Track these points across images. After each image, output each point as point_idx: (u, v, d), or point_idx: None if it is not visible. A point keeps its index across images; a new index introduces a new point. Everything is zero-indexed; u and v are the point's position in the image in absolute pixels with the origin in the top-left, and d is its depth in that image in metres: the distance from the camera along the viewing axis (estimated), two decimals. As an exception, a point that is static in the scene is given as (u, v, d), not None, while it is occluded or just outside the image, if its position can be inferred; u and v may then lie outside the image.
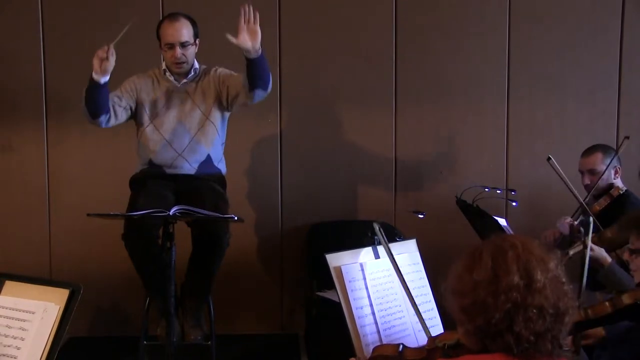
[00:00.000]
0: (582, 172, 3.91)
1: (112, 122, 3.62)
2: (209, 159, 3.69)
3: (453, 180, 4.40)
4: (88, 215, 3.17)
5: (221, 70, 3.71)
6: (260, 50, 3.35)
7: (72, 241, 4.47)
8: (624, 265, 3.06)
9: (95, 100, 3.49)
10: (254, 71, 3.42)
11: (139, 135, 3.73)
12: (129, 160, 4.43)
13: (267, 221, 4.55)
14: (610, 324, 2.37)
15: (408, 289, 2.56)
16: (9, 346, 1.97)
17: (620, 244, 3.04)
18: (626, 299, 2.31)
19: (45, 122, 4.46)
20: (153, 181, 3.62)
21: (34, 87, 4.45)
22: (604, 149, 3.88)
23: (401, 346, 2.25)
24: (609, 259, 3.04)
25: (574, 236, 3.79)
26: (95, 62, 3.37)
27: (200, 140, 3.66)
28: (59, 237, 4.52)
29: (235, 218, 3.20)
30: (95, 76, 3.40)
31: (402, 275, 2.59)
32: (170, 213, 3.07)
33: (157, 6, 4.44)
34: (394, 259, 2.59)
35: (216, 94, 3.67)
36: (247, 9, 3.31)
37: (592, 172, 3.84)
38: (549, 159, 3.79)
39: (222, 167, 3.77)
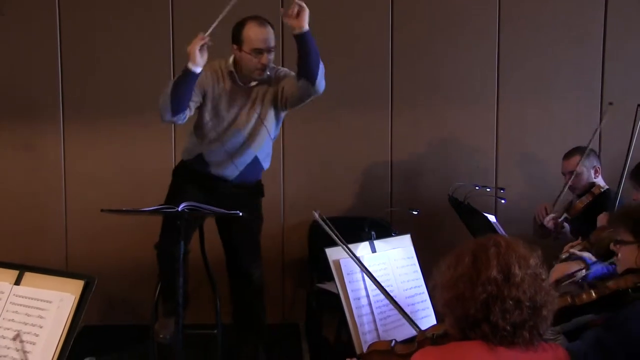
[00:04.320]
0: (564, 174, 3.94)
1: (187, 117, 3.42)
2: (255, 159, 3.58)
3: (445, 179, 4.39)
4: (102, 210, 3.18)
5: (282, 69, 3.54)
6: (304, 29, 3.21)
7: (86, 235, 4.48)
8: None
9: (184, 94, 3.28)
10: (300, 55, 3.27)
11: (195, 129, 3.56)
12: (141, 159, 4.49)
13: (270, 218, 4.52)
14: (595, 311, 2.39)
15: (382, 287, 2.57)
16: (28, 333, 1.98)
17: (609, 243, 3.02)
18: (611, 286, 2.33)
19: (62, 124, 4.47)
20: (193, 192, 3.45)
21: (52, 90, 4.46)
22: (582, 151, 3.91)
23: (393, 342, 2.27)
24: (594, 259, 3.04)
25: (558, 232, 3.82)
26: (195, 51, 3.17)
27: (251, 144, 3.52)
28: (74, 232, 4.53)
29: (240, 214, 3.20)
30: (191, 67, 3.20)
31: (369, 272, 2.59)
32: (179, 209, 3.08)
33: (166, 5, 4.44)
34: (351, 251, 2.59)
35: (274, 94, 3.48)
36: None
37: (573, 173, 3.87)
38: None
39: (266, 163, 3.66)
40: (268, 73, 3.47)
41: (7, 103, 4.47)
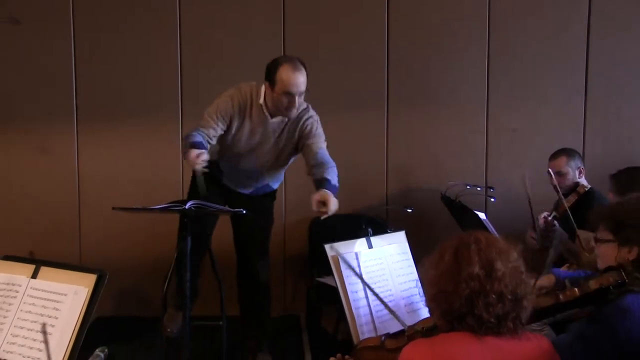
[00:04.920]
0: (549, 174, 3.95)
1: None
2: (267, 185, 3.59)
3: (438, 179, 4.41)
4: (113, 209, 3.19)
5: (311, 122, 3.40)
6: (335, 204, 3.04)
7: (99, 232, 4.49)
8: None
9: None
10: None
11: (219, 143, 3.43)
12: (150, 160, 4.49)
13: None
14: (579, 307, 2.39)
15: (371, 288, 2.58)
16: (44, 324, 1.99)
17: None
18: (593, 285, 2.33)
19: (76, 127, 4.48)
20: (214, 192, 3.42)
21: (66, 95, 4.47)
22: (568, 152, 3.92)
23: (383, 337, 2.25)
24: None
25: (549, 230, 3.82)
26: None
27: (265, 177, 3.53)
28: (87, 229, 4.54)
29: (244, 212, 3.21)
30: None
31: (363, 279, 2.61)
32: (186, 207, 3.09)
33: (173, 14, 4.45)
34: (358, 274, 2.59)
35: (294, 145, 3.43)
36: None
37: (559, 173, 3.88)
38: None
39: (277, 185, 3.65)
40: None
41: (24, 107, 4.49)
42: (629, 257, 2.27)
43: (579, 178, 3.89)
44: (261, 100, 3.33)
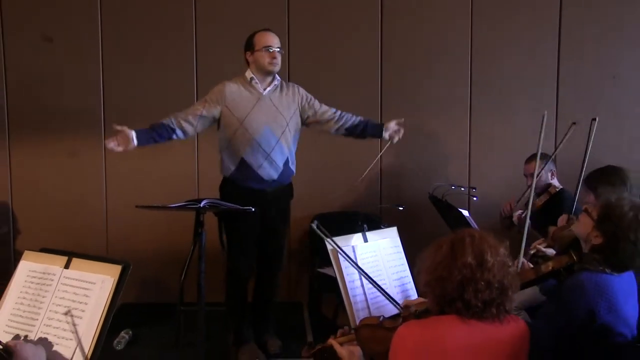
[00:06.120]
0: (525, 176, 3.96)
1: (190, 134, 3.49)
2: (288, 161, 3.52)
3: (426, 180, 4.41)
4: (136, 206, 3.19)
5: (302, 89, 3.60)
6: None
7: (124, 227, 4.50)
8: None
9: (150, 142, 3.43)
10: (367, 135, 3.68)
11: (229, 138, 3.45)
12: (170, 163, 4.48)
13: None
14: (536, 284, 2.45)
15: (367, 274, 2.57)
16: (75, 309, 2.00)
17: (569, 240, 2.95)
18: (545, 268, 2.40)
19: (103, 133, 4.48)
20: (245, 222, 3.45)
21: (94, 106, 4.49)
22: (541, 156, 3.91)
23: (381, 317, 2.26)
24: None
25: (522, 226, 3.83)
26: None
27: (283, 142, 3.47)
28: (113, 224, 4.55)
29: (253, 210, 3.22)
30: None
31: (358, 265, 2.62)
32: (201, 205, 3.10)
33: (190, 31, 4.45)
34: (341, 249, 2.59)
35: (298, 107, 3.53)
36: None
37: (533, 175, 3.87)
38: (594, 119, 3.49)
39: (294, 167, 3.64)
40: (278, 78, 3.50)
41: (56, 116, 4.50)
42: (594, 241, 2.30)
43: (551, 179, 3.90)
44: (252, 75, 3.46)
